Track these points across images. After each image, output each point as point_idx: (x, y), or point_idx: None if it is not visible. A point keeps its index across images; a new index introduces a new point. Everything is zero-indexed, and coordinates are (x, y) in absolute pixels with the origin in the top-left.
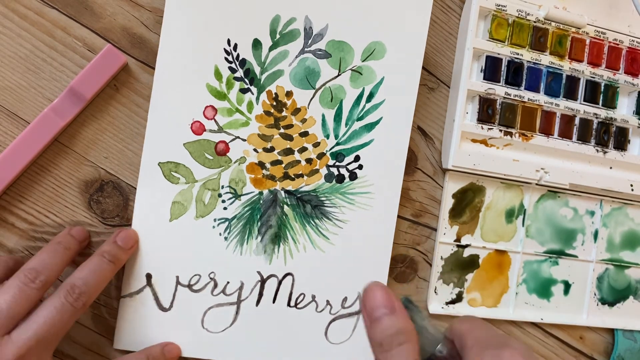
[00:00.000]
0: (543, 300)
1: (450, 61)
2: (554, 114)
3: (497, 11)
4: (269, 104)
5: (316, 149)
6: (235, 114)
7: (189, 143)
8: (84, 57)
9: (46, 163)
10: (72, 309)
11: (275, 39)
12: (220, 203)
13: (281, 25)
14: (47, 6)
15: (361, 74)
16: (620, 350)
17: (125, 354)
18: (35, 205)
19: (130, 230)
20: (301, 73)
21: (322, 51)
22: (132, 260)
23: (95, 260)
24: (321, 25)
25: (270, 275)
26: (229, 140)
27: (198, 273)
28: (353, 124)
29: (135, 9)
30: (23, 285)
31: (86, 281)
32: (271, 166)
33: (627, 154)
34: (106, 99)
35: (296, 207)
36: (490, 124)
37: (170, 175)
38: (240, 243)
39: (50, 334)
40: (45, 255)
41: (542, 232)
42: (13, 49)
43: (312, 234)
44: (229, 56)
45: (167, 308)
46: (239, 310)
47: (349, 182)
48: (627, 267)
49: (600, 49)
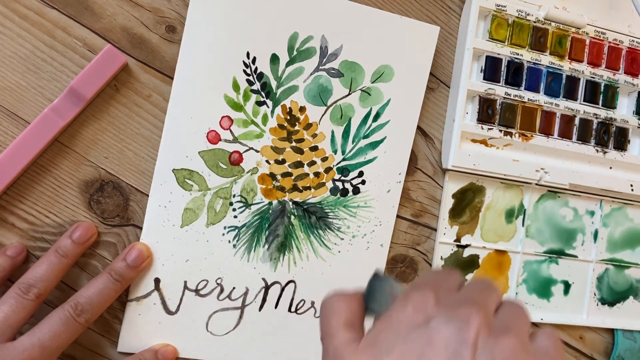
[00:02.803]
0: (543, 300)
1: (450, 61)
2: (554, 114)
3: (497, 11)
4: (283, 117)
5: (324, 163)
6: (250, 125)
7: (204, 151)
8: (84, 57)
9: (46, 163)
10: (75, 323)
11: (293, 55)
12: (231, 211)
13: (299, 43)
14: (47, 6)
15: (370, 95)
16: (620, 350)
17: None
18: (35, 205)
19: (143, 247)
20: (315, 90)
21: (335, 70)
22: None
23: (102, 279)
24: (336, 46)
25: (274, 282)
26: (243, 150)
27: (205, 278)
28: (359, 141)
29: (135, 9)
30: (19, 297)
31: (91, 300)
32: (282, 178)
33: (627, 154)
34: (106, 99)
35: (302, 218)
36: (490, 124)
37: (184, 182)
38: (247, 251)
39: (53, 344)
40: (38, 268)
41: (542, 232)
42: (13, 49)
43: (315, 244)
44: (247, 69)
45: (174, 312)
46: (243, 315)
47: (352, 195)
48: (627, 267)
49: (600, 49)
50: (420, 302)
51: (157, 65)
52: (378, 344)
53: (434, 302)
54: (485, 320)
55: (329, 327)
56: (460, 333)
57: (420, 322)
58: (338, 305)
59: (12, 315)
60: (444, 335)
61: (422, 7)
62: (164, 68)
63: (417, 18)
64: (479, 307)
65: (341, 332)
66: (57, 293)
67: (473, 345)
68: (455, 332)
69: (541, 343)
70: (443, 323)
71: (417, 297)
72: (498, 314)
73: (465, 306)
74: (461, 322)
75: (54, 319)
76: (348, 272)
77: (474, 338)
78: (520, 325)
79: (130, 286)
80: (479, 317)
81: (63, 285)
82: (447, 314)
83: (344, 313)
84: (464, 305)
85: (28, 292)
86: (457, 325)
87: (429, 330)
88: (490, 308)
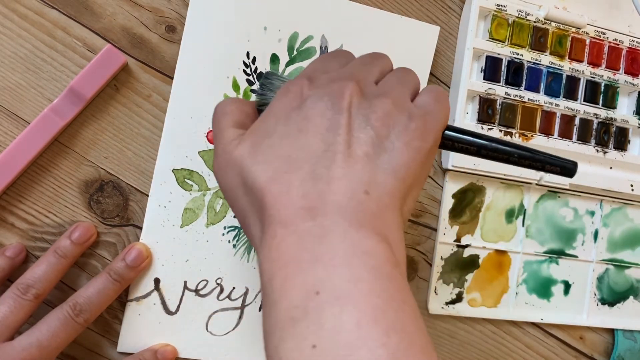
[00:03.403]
0: (543, 300)
1: (450, 61)
2: (554, 114)
3: (497, 11)
4: None
5: None
6: None
7: (204, 151)
8: (84, 57)
9: (46, 163)
10: (74, 323)
11: (293, 55)
12: (231, 211)
13: (299, 42)
14: (47, 6)
15: None
16: (620, 350)
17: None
18: (35, 205)
19: (142, 248)
20: None
21: None
22: None
23: (101, 280)
24: (336, 45)
25: None
26: None
27: (205, 278)
28: None
29: (135, 9)
30: (17, 297)
31: (90, 300)
32: None
33: (627, 154)
34: (106, 99)
35: None
36: (490, 124)
37: (184, 182)
38: (247, 251)
39: (52, 343)
40: (37, 268)
41: (542, 232)
42: (13, 49)
43: None
44: (247, 69)
45: (174, 312)
46: (243, 315)
47: None
48: (627, 267)
49: (600, 49)
50: (297, 89)
51: (157, 65)
52: (260, 131)
53: (308, 85)
54: (358, 88)
55: (218, 128)
56: (333, 104)
57: (297, 105)
58: (230, 107)
59: (10, 316)
60: (319, 108)
61: (422, 7)
62: (164, 68)
63: (417, 18)
64: (352, 79)
65: (229, 130)
66: (57, 293)
67: (347, 111)
68: (330, 104)
69: (420, 100)
70: (317, 99)
71: (294, 84)
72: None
73: (338, 81)
74: (334, 94)
75: (52, 318)
76: None
77: (347, 105)
78: (400, 88)
79: (130, 286)
80: (350, 87)
81: (62, 286)
82: (321, 91)
83: (234, 113)
84: (337, 81)
85: (26, 292)
86: (330, 98)
87: (305, 109)
88: (369, 79)
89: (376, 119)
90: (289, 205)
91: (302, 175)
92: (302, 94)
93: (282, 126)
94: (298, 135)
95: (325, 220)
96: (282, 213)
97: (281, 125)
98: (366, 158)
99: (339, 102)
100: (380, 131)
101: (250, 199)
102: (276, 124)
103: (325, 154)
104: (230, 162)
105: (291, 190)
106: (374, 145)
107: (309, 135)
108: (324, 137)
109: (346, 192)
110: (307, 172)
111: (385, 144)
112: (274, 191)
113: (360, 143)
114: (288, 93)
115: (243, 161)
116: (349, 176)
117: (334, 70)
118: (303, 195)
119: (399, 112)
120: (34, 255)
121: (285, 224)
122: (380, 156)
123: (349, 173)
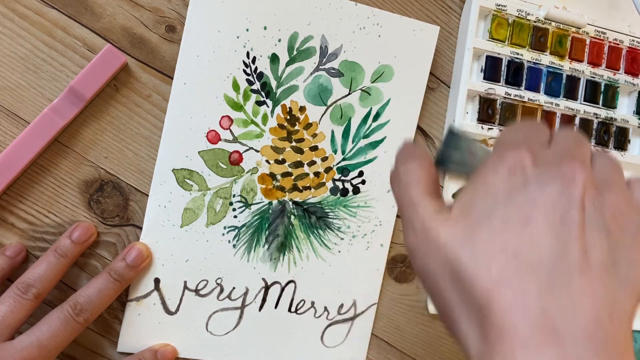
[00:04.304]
0: None
1: (450, 61)
2: (554, 114)
3: (497, 11)
4: (283, 117)
5: (324, 163)
6: (250, 125)
7: (204, 151)
8: (84, 57)
9: (46, 163)
10: (74, 323)
11: (293, 55)
12: (231, 211)
13: (299, 42)
14: (47, 6)
15: (370, 94)
16: None
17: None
18: (35, 205)
19: (142, 247)
20: (315, 90)
21: (335, 70)
22: None
23: (101, 279)
24: (336, 45)
25: (274, 282)
26: (243, 150)
27: (205, 278)
28: (359, 141)
29: (135, 9)
30: (17, 297)
31: (90, 300)
32: (281, 177)
33: (627, 154)
34: (106, 99)
35: (302, 218)
36: (491, 124)
37: (184, 182)
38: (247, 251)
39: (52, 343)
40: (37, 268)
41: None
42: (13, 49)
43: (315, 244)
44: (247, 69)
45: (174, 312)
46: (243, 315)
47: (352, 195)
48: None
49: (600, 49)
50: (517, 162)
51: (157, 65)
52: (475, 211)
53: (531, 161)
54: (589, 176)
55: (409, 197)
56: (565, 192)
57: (519, 184)
58: (417, 174)
59: (10, 315)
60: (549, 195)
61: (422, 7)
62: (164, 68)
63: (417, 18)
64: (580, 162)
65: (426, 202)
66: (57, 293)
67: (580, 203)
68: (561, 191)
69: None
70: (546, 182)
71: (511, 156)
72: (594, 168)
73: (565, 162)
74: (565, 179)
75: (52, 318)
76: (348, 272)
77: (580, 196)
78: (619, 178)
79: (130, 286)
80: (583, 173)
81: (62, 285)
82: (549, 173)
83: (425, 182)
84: (564, 161)
85: (26, 291)
86: (561, 184)
87: (531, 192)
88: (588, 162)
89: (610, 217)
90: (526, 321)
91: (537, 282)
92: (525, 170)
93: (502, 209)
94: (525, 226)
95: (569, 348)
96: (519, 330)
97: (501, 209)
98: (604, 270)
99: (572, 190)
100: (616, 234)
101: (460, 293)
102: (494, 205)
103: (562, 257)
104: (434, 245)
105: (528, 302)
106: (611, 252)
107: (539, 229)
108: (558, 234)
109: (591, 315)
110: (543, 279)
111: (620, 251)
112: (505, 298)
113: (596, 248)
114: (504, 166)
115: (456, 249)
116: (591, 293)
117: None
118: (543, 311)
119: (630, 210)
120: (34, 255)
121: (526, 346)
122: (618, 269)
123: (590, 289)
